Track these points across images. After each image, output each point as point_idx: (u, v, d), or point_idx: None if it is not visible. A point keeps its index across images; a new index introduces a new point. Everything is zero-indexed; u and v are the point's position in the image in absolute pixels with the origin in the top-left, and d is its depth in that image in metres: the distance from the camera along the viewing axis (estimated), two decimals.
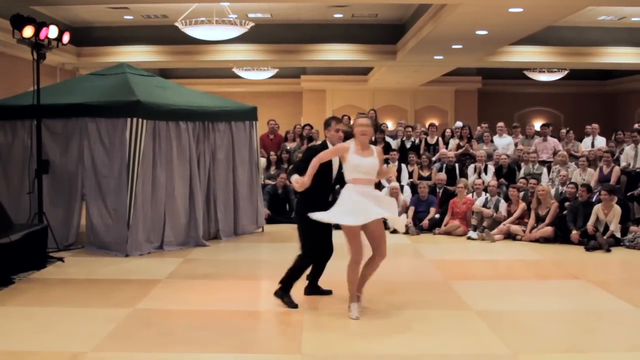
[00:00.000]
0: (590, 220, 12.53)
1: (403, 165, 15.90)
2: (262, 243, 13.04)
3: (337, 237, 8.22)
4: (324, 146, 8.19)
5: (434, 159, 16.27)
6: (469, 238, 13.33)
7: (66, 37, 11.78)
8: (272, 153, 16.53)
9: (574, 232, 12.58)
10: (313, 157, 7.81)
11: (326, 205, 7.83)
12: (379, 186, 15.43)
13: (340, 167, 7.98)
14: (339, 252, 8.39)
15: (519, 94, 31.26)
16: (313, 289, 8.75)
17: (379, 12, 21.52)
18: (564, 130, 17.49)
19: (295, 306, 8.23)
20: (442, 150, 16.37)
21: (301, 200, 8.33)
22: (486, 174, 15.28)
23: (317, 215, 7.65)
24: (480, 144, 16.72)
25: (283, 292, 8.37)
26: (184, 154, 12.07)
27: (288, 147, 16.85)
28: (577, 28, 21.95)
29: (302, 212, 8.00)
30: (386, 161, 15.46)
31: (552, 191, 13.75)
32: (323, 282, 8.74)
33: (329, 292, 8.74)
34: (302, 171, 7.88)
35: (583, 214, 12.76)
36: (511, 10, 15.20)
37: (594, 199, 13.19)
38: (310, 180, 7.70)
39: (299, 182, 7.72)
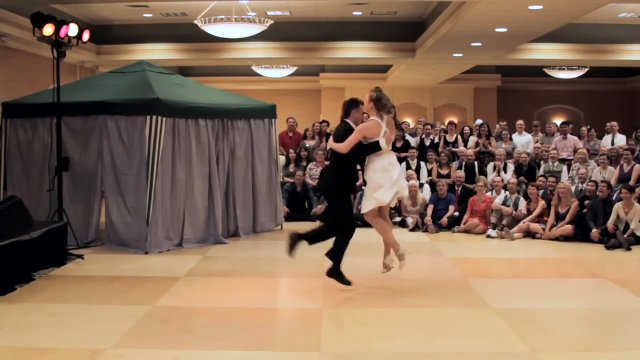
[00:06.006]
0: (611, 219, 12.46)
1: (422, 163, 15.88)
2: (281, 241, 12.82)
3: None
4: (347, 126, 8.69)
5: (455, 150, 16.25)
6: (488, 236, 13.28)
7: (86, 35, 11.83)
8: (291, 151, 16.52)
9: (594, 230, 12.51)
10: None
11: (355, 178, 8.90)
12: None
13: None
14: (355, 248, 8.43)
15: (538, 91, 31.13)
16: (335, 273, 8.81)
17: (397, 9, 21.50)
18: (584, 128, 17.39)
19: (349, 283, 8.63)
20: (461, 148, 16.31)
21: (333, 178, 8.76)
22: (505, 172, 15.22)
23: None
24: (499, 142, 16.68)
25: (334, 271, 8.70)
26: (203, 151, 12.09)
27: (307, 145, 16.85)
28: (597, 25, 21.84)
29: (335, 189, 8.70)
30: (404, 159, 15.54)
31: (572, 189, 13.67)
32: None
33: (349, 283, 8.74)
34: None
35: (603, 212, 12.68)
36: (531, 7, 15.14)
37: (614, 197, 13.12)
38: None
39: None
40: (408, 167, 15.71)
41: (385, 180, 8.42)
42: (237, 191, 12.82)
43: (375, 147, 8.45)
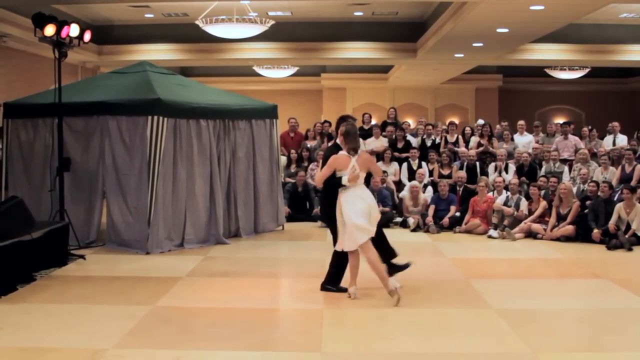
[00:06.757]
0: (612, 219, 12.45)
1: (423, 164, 15.87)
2: (282, 241, 13.03)
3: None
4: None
5: (456, 150, 16.24)
6: (490, 237, 13.27)
7: (87, 36, 11.83)
8: (292, 151, 16.53)
9: (595, 230, 12.51)
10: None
11: None
12: (399, 184, 15.46)
13: None
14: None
15: (539, 92, 31.08)
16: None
17: (399, 10, 21.48)
18: (585, 129, 17.37)
19: (344, 290, 8.58)
20: (462, 149, 16.30)
21: (324, 202, 8.85)
22: (507, 172, 15.21)
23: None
24: (500, 142, 16.66)
25: (328, 286, 8.75)
26: (205, 151, 12.09)
27: (308, 145, 16.84)
28: (598, 25, 21.82)
29: (325, 212, 8.86)
30: (406, 159, 15.50)
31: (574, 189, 13.66)
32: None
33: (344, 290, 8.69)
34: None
35: (604, 213, 12.67)
36: (532, 7, 15.12)
37: (615, 198, 13.11)
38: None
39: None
40: (409, 167, 15.72)
41: (353, 215, 8.21)
42: (239, 191, 12.82)
43: (340, 182, 8.32)
